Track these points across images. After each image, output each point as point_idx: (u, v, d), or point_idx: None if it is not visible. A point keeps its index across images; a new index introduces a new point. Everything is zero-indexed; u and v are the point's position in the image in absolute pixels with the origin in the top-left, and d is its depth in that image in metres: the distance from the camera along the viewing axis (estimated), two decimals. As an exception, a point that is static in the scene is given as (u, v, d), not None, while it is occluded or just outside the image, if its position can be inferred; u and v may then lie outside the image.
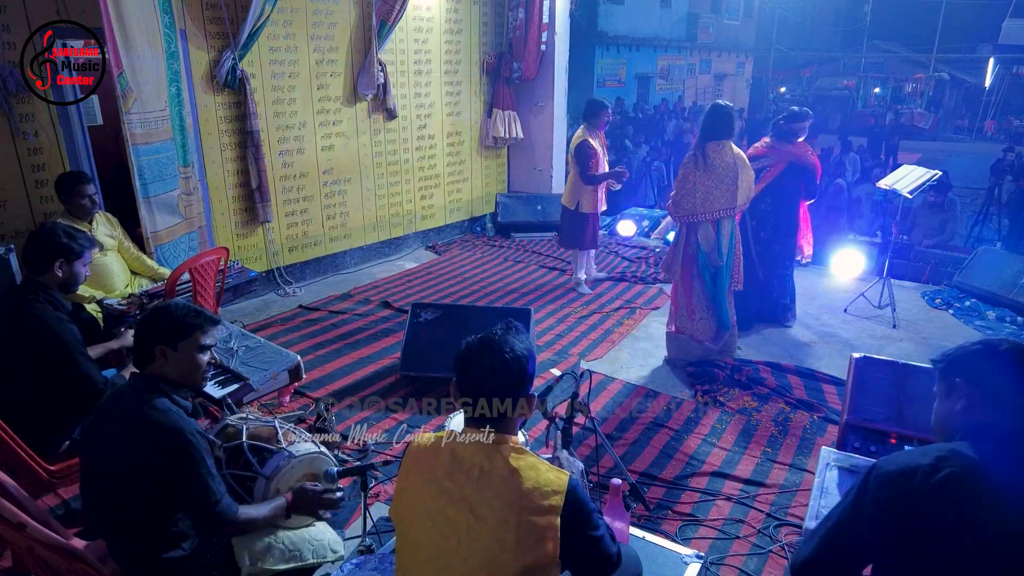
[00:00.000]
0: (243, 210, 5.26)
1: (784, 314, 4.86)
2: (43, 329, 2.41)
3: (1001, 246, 7.05)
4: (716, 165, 3.84)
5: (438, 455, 1.51)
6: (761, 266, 4.65)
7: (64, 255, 2.55)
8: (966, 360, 1.43)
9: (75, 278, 2.63)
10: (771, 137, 4.57)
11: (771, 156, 4.51)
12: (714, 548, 2.60)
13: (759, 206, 4.50)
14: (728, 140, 3.90)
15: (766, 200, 4.53)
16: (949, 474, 1.24)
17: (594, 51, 17.03)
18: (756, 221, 4.59)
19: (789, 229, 4.64)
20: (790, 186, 4.52)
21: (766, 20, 24.74)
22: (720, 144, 3.87)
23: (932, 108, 24.82)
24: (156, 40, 3.95)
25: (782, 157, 4.48)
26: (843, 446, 2.66)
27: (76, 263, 2.60)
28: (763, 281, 4.69)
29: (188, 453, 1.74)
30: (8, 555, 2.32)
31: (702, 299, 4.05)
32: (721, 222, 3.91)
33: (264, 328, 4.70)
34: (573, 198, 5.41)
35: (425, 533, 1.48)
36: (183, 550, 1.85)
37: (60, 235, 2.55)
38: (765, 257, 4.65)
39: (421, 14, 6.34)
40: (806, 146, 4.58)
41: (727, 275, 4.01)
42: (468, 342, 1.54)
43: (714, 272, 3.97)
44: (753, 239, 4.60)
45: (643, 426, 3.48)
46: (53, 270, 2.53)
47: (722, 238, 3.93)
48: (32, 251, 2.54)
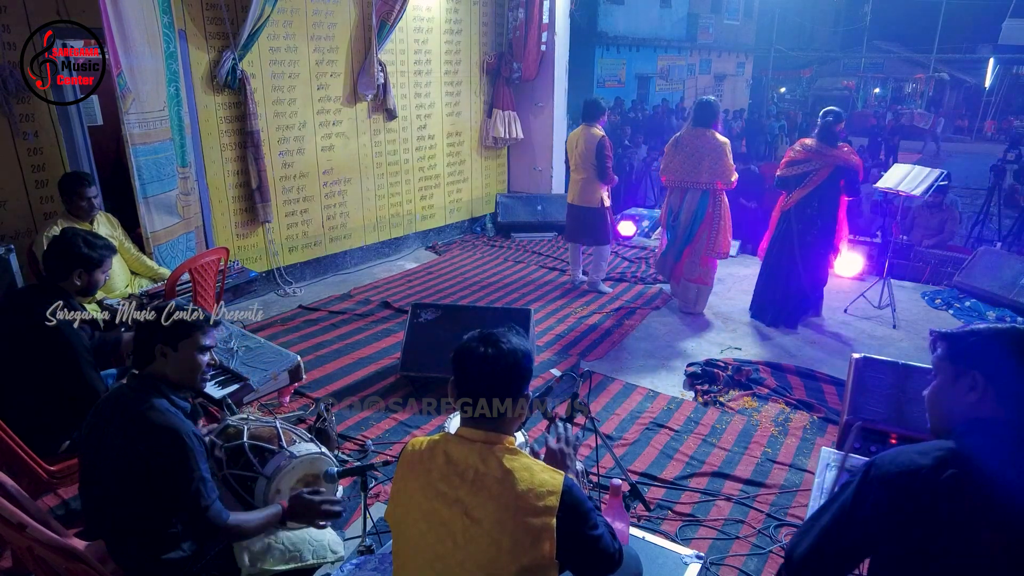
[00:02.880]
0: (243, 210, 5.26)
1: (817, 304, 4.94)
2: (57, 335, 2.41)
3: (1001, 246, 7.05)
4: (685, 146, 4.76)
5: (433, 458, 1.50)
6: (803, 265, 4.68)
7: (83, 265, 2.56)
8: (986, 351, 1.30)
9: (94, 285, 2.64)
10: (816, 140, 4.56)
11: (815, 161, 4.49)
12: (714, 548, 2.60)
13: (806, 211, 4.57)
14: (707, 128, 4.72)
15: (813, 204, 4.56)
16: (952, 476, 1.21)
17: (594, 51, 17.04)
18: (802, 225, 4.61)
19: (831, 228, 4.67)
20: (834, 188, 4.55)
21: (766, 20, 24.73)
22: (696, 130, 4.74)
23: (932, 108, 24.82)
24: (155, 40, 3.95)
25: (828, 161, 4.47)
26: (843, 446, 2.66)
27: (96, 272, 2.61)
28: (802, 278, 4.72)
29: (183, 455, 1.74)
30: (8, 555, 2.32)
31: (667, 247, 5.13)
32: (687, 192, 4.83)
33: (264, 328, 4.70)
34: (595, 196, 5.43)
35: (421, 536, 1.47)
36: (183, 551, 1.85)
37: (80, 245, 2.55)
38: (808, 258, 4.68)
39: (421, 14, 6.34)
40: (847, 146, 4.63)
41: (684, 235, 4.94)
42: (465, 340, 1.54)
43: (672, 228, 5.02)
44: (798, 241, 4.64)
45: (643, 426, 3.47)
46: (72, 279, 2.54)
47: (684, 203, 4.86)
48: (52, 259, 2.56)
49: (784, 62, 26.86)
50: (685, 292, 5.13)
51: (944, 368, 1.36)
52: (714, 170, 4.69)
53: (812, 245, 4.65)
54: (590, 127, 5.33)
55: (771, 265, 4.84)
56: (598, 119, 5.37)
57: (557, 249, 6.89)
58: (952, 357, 1.35)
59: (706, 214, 4.84)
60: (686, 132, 4.85)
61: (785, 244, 4.69)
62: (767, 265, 4.90)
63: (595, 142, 5.25)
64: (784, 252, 4.71)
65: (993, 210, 8.39)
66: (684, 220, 4.91)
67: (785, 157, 4.71)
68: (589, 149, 5.29)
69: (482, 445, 1.48)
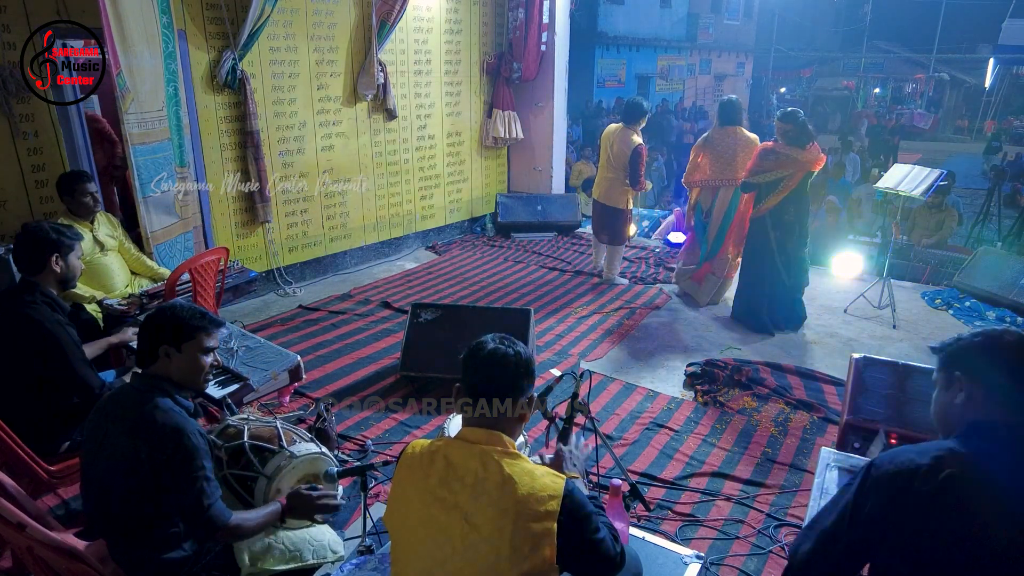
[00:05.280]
0: (243, 210, 5.26)
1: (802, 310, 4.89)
2: (41, 332, 2.39)
3: (1001, 246, 7.05)
4: (717, 144, 4.94)
5: (432, 463, 1.50)
6: (785, 271, 4.68)
7: (57, 249, 2.53)
8: (966, 353, 1.38)
9: (73, 272, 2.61)
10: (786, 143, 4.45)
11: (788, 167, 4.43)
12: (714, 548, 2.60)
13: (783, 217, 4.56)
14: (735, 126, 4.95)
15: (789, 211, 4.54)
16: (949, 475, 1.22)
17: (594, 51, 17.05)
18: (780, 232, 4.59)
19: (807, 232, 4.68)
20: (804, 190, 4.54)
21: (766, 20, 24.73)
22: (724, 129, 4.95)
23: (932, 108, 24.83)
24: (154, 40, 3.94)
25: (800, 167, 4.43)
26: (843, 446, 2.66)
27: (70, 256, 2.59)
28: (786, 283, 4.72)
29: (188, 455, 1.74)
30: (8, 555, 2.32)
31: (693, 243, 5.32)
32: (719, 189, 4.99)
33: (264, 328, 4.70)
34: (621, 197, 5.52)
35: (419, 542, 1.47)
36: (184, 550, 1.85)
37: (48, 231, 2.53)
38: (789, 263, 4.68)
39: (421, 14, 6.34)
40: (816, 148, 4.55)
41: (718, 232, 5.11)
42: (476, 342, 1.56)
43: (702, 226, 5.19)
44: (778, 249, 4.62)
45: (643, 426, 3.47)
46: (50, 267, 2.52)
47: (716, 200, 5.04)
48: (24, 253, 2.52)
49: (784, 62, 26.86)
50: (709, 288, 5.23)
51: (938, 376, 1.43)
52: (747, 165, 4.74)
53: (793, 251, 4.64)
54: (629, 129, 5.33)
55: (750, 274, 4.81)
56: (638, 121, 5.35)
57: (557, 249, 6.89)
58: (942, 363, 1.42)
59: (738, 208, 4.98)
60: (715, 132, 5.02)
61: (766, 253, 4.64)
62: (746, 274, 4.88)
63: (631, 148, 5.28)
64: (765, 261, 4.66)
65: (993, 210, 8.39)
66: (716, 217, 5.06)
67: (751, 162, 4.62)
68: (623, 153, 5.33)
69: (483, 448, 1.47)
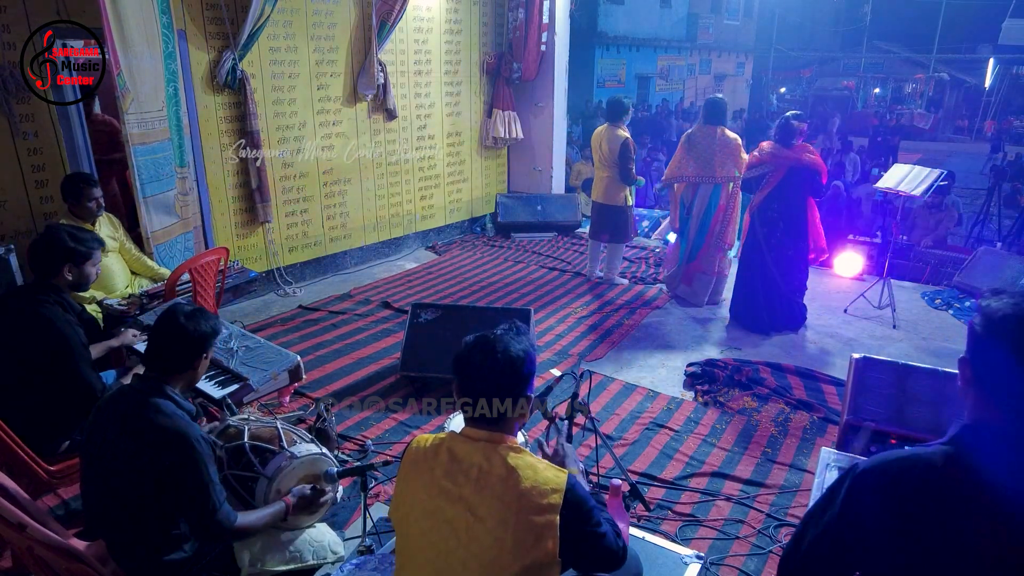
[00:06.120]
0: (243, 210, 5.26)
1: (802, 312, 4.88)
2: (52, 330, 2.40)
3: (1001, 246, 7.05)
4: (698, 142, 5.00)
5: (437, 455, 1.51)
6: (777, 269, 4.69)
7: (71, 259, 2.53)
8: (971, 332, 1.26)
9: (86, 278, 2.62)
10: (772, 141, 4.62)
11: (769, 164, 4.55)
12: (714, 548, 2.60)
13: (768, 213, 4.62)
14: (718, 126, 4.97)
15: (773, 207, 4.59)
16: (942, 480, 1.21)
17: (594, 51, 17.04)
18: (767, 227, 4.64)
19: (799, 231, 4.67)
20: (794, 189, 4.55)
21: (766, 20, 24.74)
22: (707, 128, 4.98)
23: (932, 108, 24.81)
24: (154, 40, 3.94)
25: (780, 163, 4.51)
26: (843, 446, 2.66)
27: (85, 265, 2.59)
28: (780, 283, 4.73)
29: (192, 459, 1.74)
30: (8, 555, 2.32)
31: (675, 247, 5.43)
32: (700, 186, 5.05)
33: (264, 328, 4.70)
34: (618, 195, 5.54)
35: (424, 534, 1.48)
36: (184, 551, 1.85)
37: (65, 239, 2.53)
38: (781, 261, 4.70)
39: (421, 14, 6.34)
40: (805, 147, 4.59)
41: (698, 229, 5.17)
42: (466, 342, 1.55)
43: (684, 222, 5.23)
44: (765, 244, 4.67)
45: (643, 426, 3.47)
46: (63, 274, 2.53)
47: (697, 197, 5.09)
48: (38, 257, 2.53)
49: (784, 62, 26.86)
50: (702, 287, 5.25)
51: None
52: (726, 164, 4.92)
53: (781, 247, 4.66)
54: (614, 127, 5.40)
55: (744, 268, 4.87)
56: (622, 118, 5.43)
57: (557, 249, 6.89)
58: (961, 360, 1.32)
59: (718, 206, 5.07)
60: (698, 130, 5.08)
61: (756, 248, 4.72)
62: (741, 268, 4.92)
63: (618, 143, 5.33)
64: (755, 256, 4.74)
65: (993, 210, 8.40)
66: (697, 213, 5.12)
67: (747, 160, 4.76)
68: (612, 150, 5.37)
69: (486, 444, 1.49)
